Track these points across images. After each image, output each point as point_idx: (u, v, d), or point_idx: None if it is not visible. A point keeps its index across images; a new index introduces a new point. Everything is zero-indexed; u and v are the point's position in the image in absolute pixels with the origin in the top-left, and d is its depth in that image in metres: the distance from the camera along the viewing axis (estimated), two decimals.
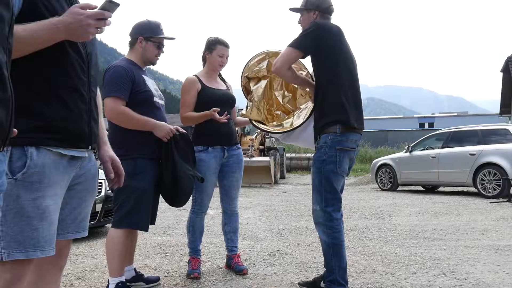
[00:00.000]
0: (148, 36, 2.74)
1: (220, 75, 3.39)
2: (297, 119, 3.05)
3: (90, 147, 1.58)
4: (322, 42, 2.60)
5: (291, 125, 3.03)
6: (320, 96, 2.68)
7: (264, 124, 3.20)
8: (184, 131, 2.96)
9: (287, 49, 2.63)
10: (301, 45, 2.61)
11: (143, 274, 3.04)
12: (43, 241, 1.41)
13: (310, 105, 3.01)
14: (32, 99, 1.39)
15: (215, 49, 3.20)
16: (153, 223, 2.87)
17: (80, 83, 1.50)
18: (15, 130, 1.09)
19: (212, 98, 3.16)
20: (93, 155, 1.68)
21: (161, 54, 2.80)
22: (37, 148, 1.39)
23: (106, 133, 1.80)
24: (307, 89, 3.07)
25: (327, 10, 2.77)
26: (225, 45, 3.23)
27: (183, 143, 2.83)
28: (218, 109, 3.02)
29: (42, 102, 1.40)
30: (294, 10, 2.88)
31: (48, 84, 1.42)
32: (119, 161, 1.79)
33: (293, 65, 2.75)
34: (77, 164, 1.55)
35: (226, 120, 3.05)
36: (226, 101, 3.25)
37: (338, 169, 2.59)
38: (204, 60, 3.31)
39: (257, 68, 3.31)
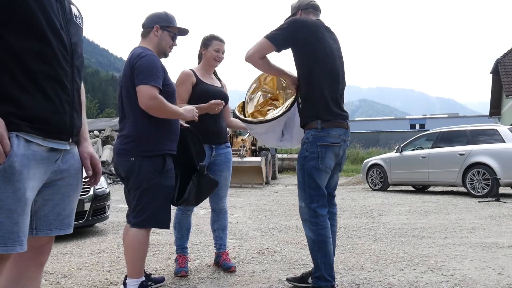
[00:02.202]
0: (165, 25, 2.67)
1: (215, 74, 3.37)
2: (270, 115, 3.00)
3: (71, 140, 1.55)
4: (297, 37, 2.61)
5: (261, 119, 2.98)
6: (301, 91, 2.70)
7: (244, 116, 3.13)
8: (187, 125, 2.89)
9: (262, 40, 2.63)
10: (274, 39, 2.62)
11: (150, 274, 2.99)
12: (22, 235, 1.37)
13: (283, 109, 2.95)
14: (11, 86, 1.35)
15: (210, 45, 3.21)
16: None
17: (63, 74, 1.47)
18: None
19: (206, 94, 3.13)
20: (77, 150, 1.65)
21: (174, 46, 2.73)
22: (18, 137, 1.35)
23: (87, 129, 1.76)
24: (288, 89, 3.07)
25: (308, 6, 2.78)
26: (221, 41, 3.23)
27: (193, 140, 2.82)
28: (220, 102, 2.96)
29: (22, 90, 1.37)
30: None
31: (29, 73, 1.38)
32: (98, 158, 1.75)
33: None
34: (56, 158, 1.51)
35: (221, 107, 3.01)
36: (220, 98, 3.21)
37: (320, 165, 2.58)
38: (200, 57, 3.30)
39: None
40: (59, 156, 1.52)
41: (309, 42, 2.61)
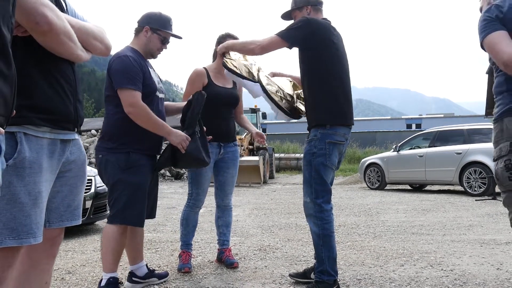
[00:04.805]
0: (156, 28, 2.65)
1: None
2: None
3: (76, 129, 1.59)
4: (312, 38, 2.62)
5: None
6: (312, 92, 2.71)
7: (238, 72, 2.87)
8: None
9: (274, 37, 2.62)
10: (289, 38, 2.62)
11: (154, 270, 3.01)
12: (35, 227, 1.40)
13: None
14: (19, 79, 1.39)
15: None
16: (153, 216, 2.87)
17: (64, 66, 1.51)
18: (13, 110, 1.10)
19: (216, 96, 3.11)
20: (81, 142, 1.69)
21: (163, 49, 2.73)
22: (26, 134, 1.38)
23: None
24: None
25: (317, 2, 2.78)
26: (236, 39, 3.18)
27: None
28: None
29: (28, 82, 1.40)
30: (285, 15, 2.89)
31: (34, 65, 1.42)
32: None
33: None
34: (66, 148, 1.55)
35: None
36: (229, 100, 3.23)
37: (327, 161, 2.63)
38: (215, 55, 3.29)
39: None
40: (69, 147, 1.57)
41: (323, 45, 2.63)
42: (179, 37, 2.77)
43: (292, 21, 2.81)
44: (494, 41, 2.24)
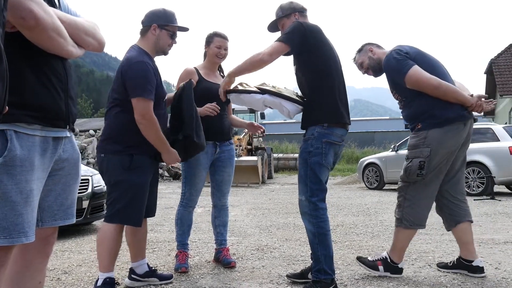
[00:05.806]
0: (163, 24, 2.65)
1: (220, 69, 3.36)
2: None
3: (68, 127, 1.56)
4: (308, 40, 2.63)
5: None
6: (309, 92, 2.71)
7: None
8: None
9: (276, 43, 2.64)
10: (289, 41, 2.62)
11: (156, 270, 2.98)
12: (27, 226, 1.38)
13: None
14: (9, 76, 1.37)
15: (212, 42, 3.21)
16: (153, 215, 2.87)
17: (54, 62, 1.49)
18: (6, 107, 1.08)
19: (208, 92, 3.12)
20: (74, 139, 1.67)
21: (173, 44, 2.73)
22: (16, 132, 1.36)
23: None
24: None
25: (303, 9, 2.86)
26: (223, 37, 3.22)
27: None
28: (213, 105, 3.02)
29: (17, 79, 1.37)
30: (272, 26, 2.92)
31: (23, 62, 1.39)
32: None
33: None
34: (58, 146, 1.53)
35: (216, 113, 3.06)
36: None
37: (323, 161, 2.63)
38: (205, 55, 3.31)
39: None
40: (61, 145, 1.55)
41: (316, 46, 2.66)
42: (186, 29, 2.78)
43: (279, 32, 2.87)
44: (417, 72, 2.78)
